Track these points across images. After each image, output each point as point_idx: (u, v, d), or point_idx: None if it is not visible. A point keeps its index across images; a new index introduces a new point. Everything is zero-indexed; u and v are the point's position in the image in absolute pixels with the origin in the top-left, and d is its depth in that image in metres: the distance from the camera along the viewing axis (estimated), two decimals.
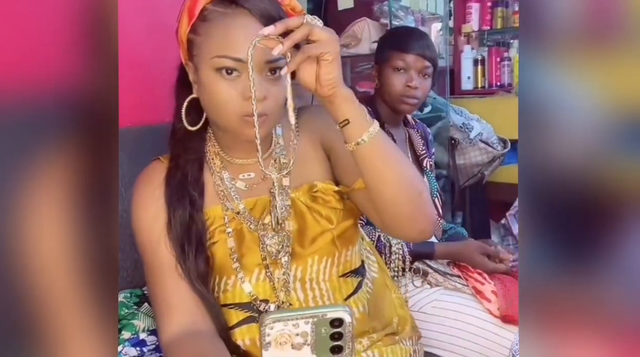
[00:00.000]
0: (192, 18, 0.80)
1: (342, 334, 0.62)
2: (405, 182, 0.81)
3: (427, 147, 1.57)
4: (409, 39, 1.48)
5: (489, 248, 1.42)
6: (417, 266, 1.37)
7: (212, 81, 0.79)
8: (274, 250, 0.86)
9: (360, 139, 0.76)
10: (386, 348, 0.90)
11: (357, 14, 2.27)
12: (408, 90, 1.44)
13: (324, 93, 0.74)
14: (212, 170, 0.90)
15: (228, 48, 0.77)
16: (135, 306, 1.16)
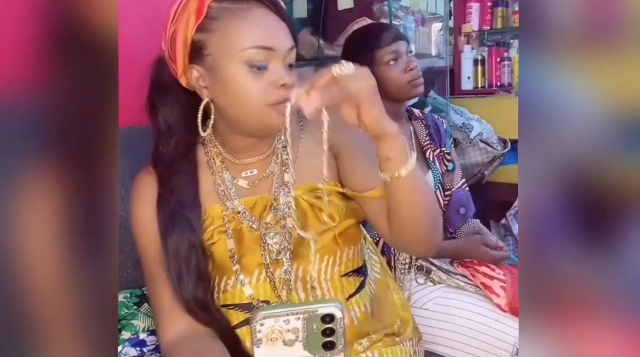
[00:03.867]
0: (200, 17, 0.78)
1: (333, 330, 0.61)
2: (428, 211, 0.84)
3: (435, 138, 1.55)
4: (380, 32, 1.48)
5: (489, 240, 1.44)
6: (421, 264, 1.38)
7: (242, 75, 0.78)
8: (275, 249, 0.85)
9: (398, 174, 0.76)
10: (386, 349, 0.90)
11: (357, 14, 2.26)
12: (411, 74, 1.44)
13: (369, 135, 0.75)
14: (212, 169, 0.89)
15: (256, 39, 0.77)
16: (135, 306, 1.16)
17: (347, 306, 0.88)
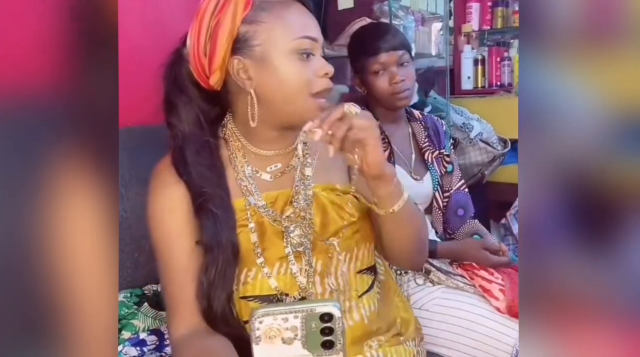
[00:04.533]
0: (247, 8, 0.82)
1: (332, 329, 0.61)
2: (417, 238, 0.94)
3: (434, 140, 1.55)
4: (373, 39, 1.46)
5: (489, 243, 1.43)
6: None
7: (289, 62, 0.82)
8: (296, 242, 0.87)
9: (391, 210, 0.84)
10: (390, 349, 0.91)
11: (357, 14, 2.26)
12: (395, 87, 1.43)
13: (371, 173, 0.80)
14: (234, 164, 0.89)
15: (305, 29, 0.83)
16: (135, 306, 1.16)
17: (358, 303, 0.90)
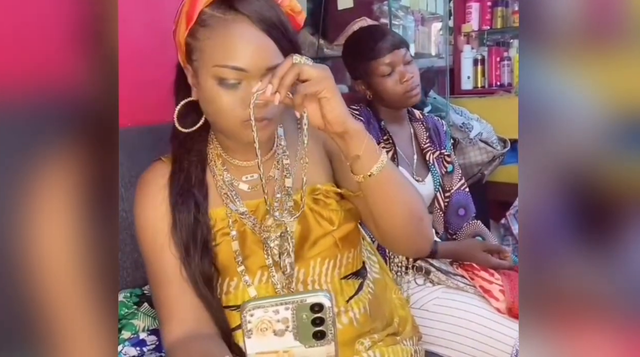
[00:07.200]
0: (190, 22, 0.79)
1: (323, 319, 0.61)
2: (408, 210, 0.84)
3: (435, 140, 1.55)
4: (374, 41, 1.45)
5: (491, 245, 1.43)
6: (420, 264, 1.37)
7: (212, 88, 0.78)
8: (277, 251, 0.86)
9: (369, 173, 0.77)
10: (387, 348, 0.90)
11: (357, 14, 2.26)
12: (406, 85, 1.43)
13: (334, 130, 0.75)
14: (213, 172, 0.89)
15: (228, 57, 0.76)
16: (135, 306, 1.16)
17: (346, 308, 0.89)
